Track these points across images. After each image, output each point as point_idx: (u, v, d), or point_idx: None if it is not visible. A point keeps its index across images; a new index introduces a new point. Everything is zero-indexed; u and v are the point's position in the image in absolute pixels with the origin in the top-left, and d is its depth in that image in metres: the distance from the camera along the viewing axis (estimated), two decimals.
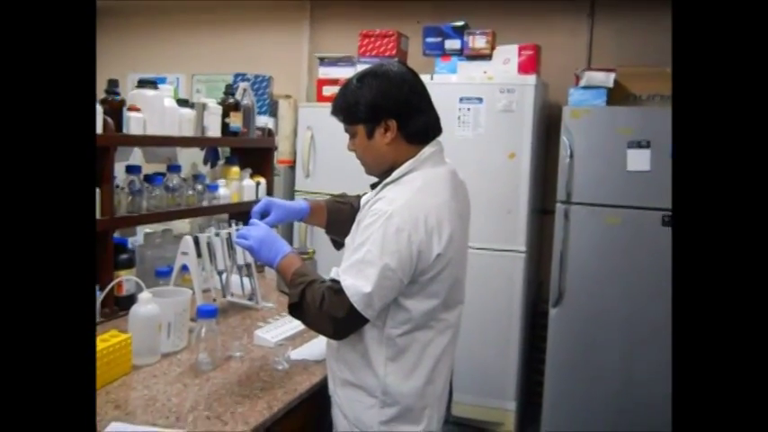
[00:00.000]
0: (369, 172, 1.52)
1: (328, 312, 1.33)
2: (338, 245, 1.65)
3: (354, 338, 1.40)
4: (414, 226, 1.30)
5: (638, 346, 2.93)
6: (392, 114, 1.39)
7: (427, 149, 1.43)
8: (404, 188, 1.37)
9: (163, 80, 4.43)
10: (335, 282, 1.33)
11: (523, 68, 3.22)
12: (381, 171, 1.46)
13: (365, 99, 1.40)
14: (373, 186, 1.49)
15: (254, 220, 1.55)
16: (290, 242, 3.63)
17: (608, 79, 3.08)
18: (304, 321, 1.43)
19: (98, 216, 1.86)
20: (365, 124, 1.42)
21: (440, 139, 1.49)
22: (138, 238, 2.38)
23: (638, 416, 2.92)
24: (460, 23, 3.39)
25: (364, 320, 1.33)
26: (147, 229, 2.37)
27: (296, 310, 1.39)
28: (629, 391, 2.93)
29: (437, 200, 1.37)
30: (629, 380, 2.93)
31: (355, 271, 1.31)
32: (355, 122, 1.44)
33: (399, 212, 1.31)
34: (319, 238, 1.78)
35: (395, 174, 1.41)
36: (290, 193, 3.76)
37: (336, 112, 1.48)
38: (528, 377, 3.50)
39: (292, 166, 3.85)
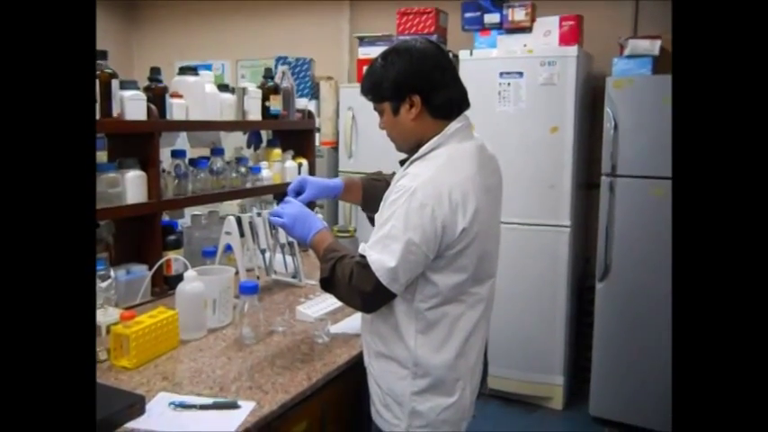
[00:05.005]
0: (398, 149, 1.54)
1: (357, 286, 1.36)
2: (374, 222, 1.68)
3: (386, 312, 1.43)
4: (437, 201, 1.32)
5: None
6: (416, 90, 1.41)
7: (453, 125, 1.44)
8: (429, 164, 1.39)
9: (208, 67, 4.53)
10: (363, 257, 1.37)
11: (565, 40, 3.16)
12: (409, 147, 1.48)
13: (389, 77, 1.42)
14: (402, 163, 1.51)
15: (288, 198, 1.60)
16: (335, 221, 3.70)
17: (653, 47, 2.99)
18: (335, 295, 1.47)
19: (145, 199, 1.96)
20: (391, 101, 1.44)
21: (468, 113, 1.49)
22: (186, 220, 2.49)
23: None
24: None
25: (392, 294, 1.37)
26: (196, 211, 2.47)
27: (327, 284, 1.44)
28: None
29: (462, 175, 1.37)
30: None
31: (381, 246, 1.34)
32: (382, 100, 1.46)
33: (423, 188, 1.33)
34: (364, 217, 1.81)
35: (421, 150, 1.43)
36: (334, 174, 3.80)
37: (364, 91, 1.50)
38: (576, 352, 3.48)
39: (335, 148, 3.90)
